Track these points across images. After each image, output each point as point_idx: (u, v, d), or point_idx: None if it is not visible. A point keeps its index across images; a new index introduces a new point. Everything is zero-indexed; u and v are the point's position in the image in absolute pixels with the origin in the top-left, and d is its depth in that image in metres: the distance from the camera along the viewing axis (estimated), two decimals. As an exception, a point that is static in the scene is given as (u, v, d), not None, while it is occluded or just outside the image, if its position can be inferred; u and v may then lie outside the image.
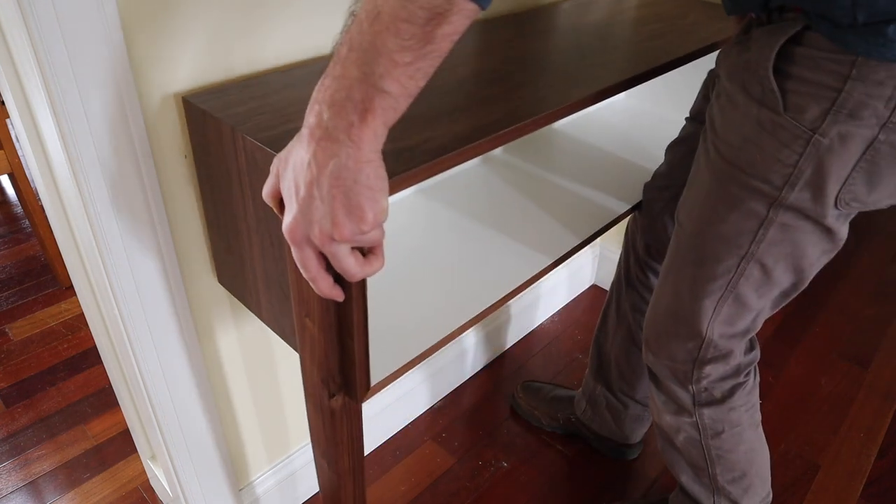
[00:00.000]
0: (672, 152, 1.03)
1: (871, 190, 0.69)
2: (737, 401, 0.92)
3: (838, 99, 0.64)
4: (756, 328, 0.86)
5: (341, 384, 0.71)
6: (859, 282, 1.99)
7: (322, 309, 0.63)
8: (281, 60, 0.80)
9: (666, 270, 0.90)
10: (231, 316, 0.95)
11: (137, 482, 1.33)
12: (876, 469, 1.38)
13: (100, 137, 0.69)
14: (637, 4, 1.20)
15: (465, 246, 0.97)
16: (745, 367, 0.91)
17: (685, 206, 0.85)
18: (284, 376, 1.11)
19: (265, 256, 0.71)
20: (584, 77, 0.84)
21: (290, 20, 0.79)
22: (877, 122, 0.64)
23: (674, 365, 0.92)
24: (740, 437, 0.96)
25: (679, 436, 1.00)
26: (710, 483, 1.02)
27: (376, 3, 0.44)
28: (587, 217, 1.06)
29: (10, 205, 2.33)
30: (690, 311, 0.86)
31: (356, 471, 0.82)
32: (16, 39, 0.69)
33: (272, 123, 0.65)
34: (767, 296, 0.82)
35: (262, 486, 1.18)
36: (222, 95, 0.72)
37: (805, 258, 0.77)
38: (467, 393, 1.55)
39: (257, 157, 0.63)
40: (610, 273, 1.87)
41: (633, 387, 1.26)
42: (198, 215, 0.83)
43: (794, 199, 0.71)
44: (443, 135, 0.67)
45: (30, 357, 1.65)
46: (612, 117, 1.41)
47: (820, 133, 0.66)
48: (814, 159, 0.68)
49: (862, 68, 0.62)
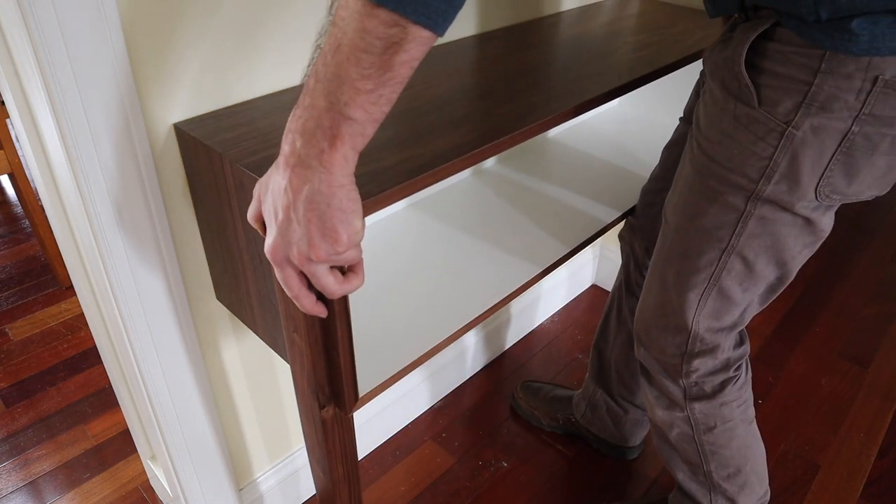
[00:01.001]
0: (666, 154, 1.04)
1: (851, 181, 0.70)
2: (727, 396, 0.93)
3: (809, 92, 0.66)
4: (743, 323, 0.88)
5: (331, 395, 0.73)
6: (859, 282, 1.99)
7: (308, 324, 0.65)
8: (268, 88, 0.83)
9: (654, 265, 0.91)
10: (230, 318, 0.95)
11: (137, 482, 1.33)
12: (876, 469, 1.38)
13: (100, 138, 0.69)
14: (628, 15, 1.21)
15: (455, 257, 0.99)
16: (735, 362, 0.92)
17: (671, 202, 0.86)
18: (284, 375, 1.11)
19: (256, 275, 0.74)
20: (569, 90, 0.86)
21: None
22: (849, 115, 0.66)
23: (663, 359, 0.93)
24: (733, 432, 0.97)
25: (672, 431, 1.00)
26: (707, 480, 1.03)
27: (337, 35, 0.46)
28: (578, 225, 1.07)
29: (10, 205, 2.33)
30: (677, 305, 0.87)
31: (350, 478, 0.84)
32: (16, 39, 0.69)
33: (257, 148, 0.68)
34: (752, 290, 0.83)
35: (264, 486, 1.18)
36: (214, 122, 0.75)
37: (786, 251, 0.78)
38: (467, 393, 1.55)
39: (244, 180, 0.66)
40: (610, 273, 1.87)
41: (633, 392, 1.26)
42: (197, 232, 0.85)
43: (771, 192, 0.73)
44: (421, 154, 0.69)
45: (30, 357, 1.65)
46: (606, 124, 1.43)
47: (793, 126, 0.68)
48: (788, 152, 0.70)
49: (831, 62, 0.64)
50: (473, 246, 1.01)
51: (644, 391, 1.03)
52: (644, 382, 1.02)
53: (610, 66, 0.95)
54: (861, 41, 0.61)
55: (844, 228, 2.25)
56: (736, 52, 0.71)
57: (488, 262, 0.98)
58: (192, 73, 0.75)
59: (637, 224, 1.11)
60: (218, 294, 0.89)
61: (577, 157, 1.28)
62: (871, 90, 0.64)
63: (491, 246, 1.01)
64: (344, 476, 0.82)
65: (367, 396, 0.76)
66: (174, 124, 0.76)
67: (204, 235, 0.83)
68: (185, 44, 0.73)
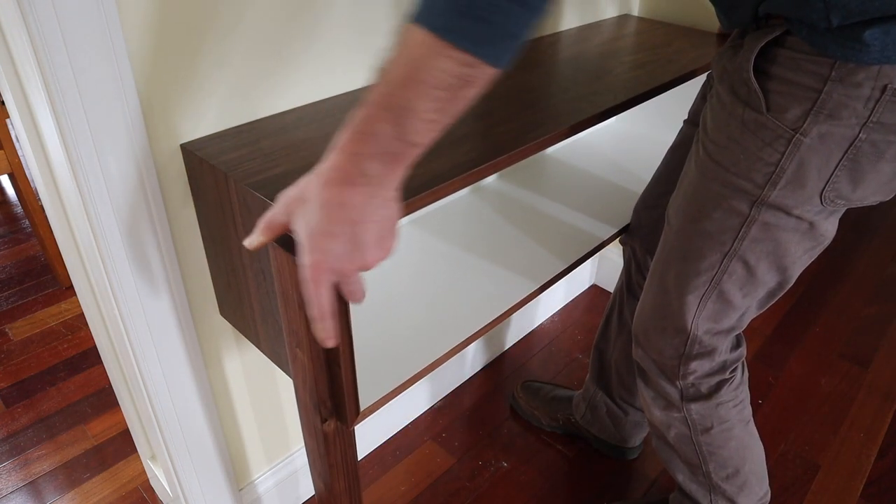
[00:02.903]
0: (670, 155, 1.04)
1: (856, 187, 0.71)
2: (724, 396, 0.93)
3: (818, 100, 0.66)
4: (742, 326, 0.88)
5: (332, 409, 0.74)
6: (859, 282, 1.99)
7: (311, 340, 0.66)
8: (273, 109, 0.85)
9: (654, 267, 0.91)
10: (231, 316, 0.95)
11: (137, 482, 1.33)
12: (876, 469, 1.38)
13: (100, 138, 0.69)
14: (625, 34, 1.23)
15: (455, 273, 1.00)
16: (732, 364, 0.93)
17: (674, 203, 0.87)
18: (283, 379, 1.11)
19: (260, 291, 0.75)
20: (566, 110, 0.88)
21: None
22: (857, 122, 0.66)
23: (661, 360, 0.94)
24: (730, 433, 0.97)
25: (671, 432, 1.01)
26: (706, 481, 1.03)
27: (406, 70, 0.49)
28: (576, 242, 1.09)
29: (10, 205, 2.33)
30: (676, 307, 0.87)
31: (352, 491, 0.85)
32: (16, 39, 0.69)
33: (261, 168, 0.71)
34: (753, 294, 0.83)
35: (263, 486, 1.18)
36: (220, 141, 0.77)
37: (787, 256, 0.78)
38: (467, 393, 1.55)
39: (248, 199, 0.68)
40: (610, 273, 1.88)
41: (633, 394, 1.27)
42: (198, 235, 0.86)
43: (776, 198, 0.73)
44: (422, 173, 0.71)
45: (30, 357, 1.65)
46: (604, 141, 1.44)
47: (801, 133, 0.68)
48: (795, 158, 0.70)
49: (840, 70, 0.64)
50: (472, 261, 1.03)
51: (641, 391, 1.03)
52: (640, 383, 1.02)
53: (606, 85, 0.96)
54: (872, 50, 0.61)
55: (844, 229, 2.25)
56: (745, 58, 0.71)
57: (487, 277, 1.00)
58: (196, 84, 0.75)
59: (638, 226, 1.11)
60: (222, 311, 0.91)
61: (575, 174, 1.30)
62: (879, 98, 0.64)
63: (489, 261, 1.03)
64: (346, 489, 0.84)
65: (368, 410, 0.78)
66: (181, 145, 0.77)
67: (208, 253, 0.85)
68: (189, 54, 0.73)
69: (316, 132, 0.80)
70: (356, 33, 0.89)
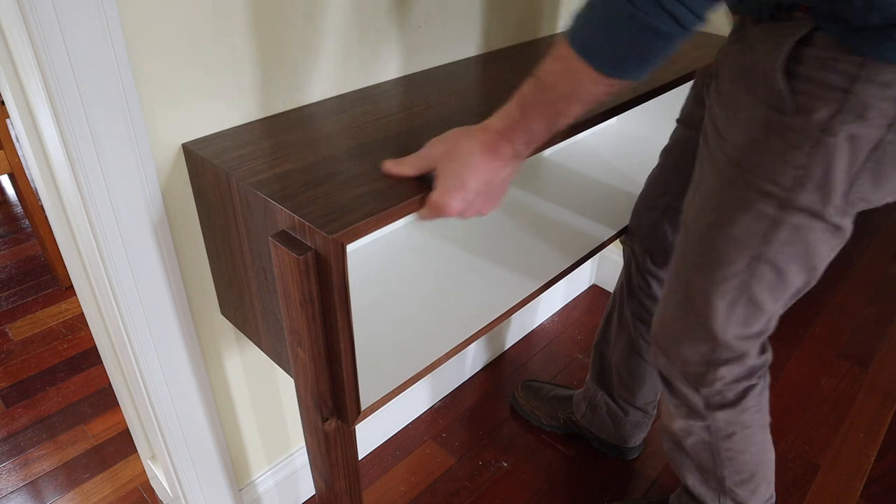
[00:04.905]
0: (664, 158, 1.03)
1: (877, 189, 0.69)
2: (749, 402, 0.92)
3: (846, 99, 0.64)
4: (770, 329, 0.86)
5: (333, 408, 0.74)
6: (859, 282, 1.99)
7: (312, 339, 0.66)
8: (274, 109, 0.85)
9: (674, 275, 0.89)
10: (231, 316, 0.95)
11: (137, 482, 1.33)
12: (876, 469, 1.38)
13: (100, 138, 0.69)
14: None
15: (455, 273, 1.01)
16: (759, 369, 0.91)
17: (691, 210, 0.84)
18: (283, 378, 1.11)
19: (261, 290, 0.75)
20: None
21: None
22: (883, 123, 0.64)
23: (687, 368, 0.91)
24: (751, 438, 0.95)
25: (689, 439, 0.99)
26: (718, 486, 1.02)
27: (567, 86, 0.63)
28: (575, 243, 1.09)
29: (10, 205, 2.33)
30: (703, 314, 0.85)
31: (352, 491, 0.85)
32: (16, 39, 0.69)
33: (263, 167, 0.71)
34: (782, 297, 0.81)
35: (263, 486, 1.18)
36: (221, 141, 0.77)
37: (816, 256, 0.76)
38: (467, 393, 1.55)
39: (250, 199, 0.68)
40: (610, 273, 1.88)
41: (633, 394, 1.26)
42: (200, 236, 0.86)
43: (804, 200, 0.71)
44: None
45: (30, 357, 1.65)
46: (601, 142, 1.44)
47: (829, 134, 0.66)
48: (823, 160, 0.68)
49: (870, 69, 0.62)
50: (473, 261, 1.03)
51: (663, 400, 1.02)
52: (664, 392, 1.00)
53: None
54: None
55: (844, 228, 2.25)
56: (770, 57, 0.68)
57: (487, 277, 1.00)
58: (196, 83, 0.75)
59: (638, 227, 1.10)
60: (223, 310, 0.91)
61: (575, 175, 1.30)
62: None
63: (490, 261, 1.03)
64: (346, 489, 0.84)
65: (370, 409, 0.77)
66: (183, 145, 0.77)
67: (210, 252, 0.85)
68: (190, 53, 0.73)
69: (317, 132, 0.80)
70: (355, 36, 0.89)
